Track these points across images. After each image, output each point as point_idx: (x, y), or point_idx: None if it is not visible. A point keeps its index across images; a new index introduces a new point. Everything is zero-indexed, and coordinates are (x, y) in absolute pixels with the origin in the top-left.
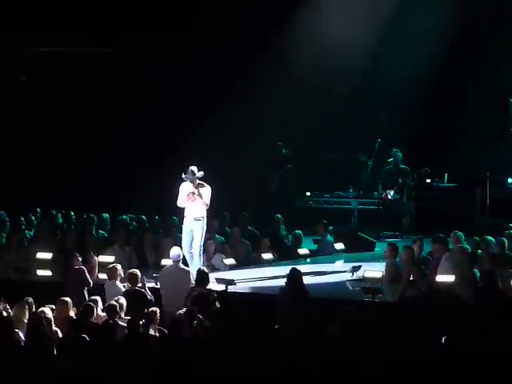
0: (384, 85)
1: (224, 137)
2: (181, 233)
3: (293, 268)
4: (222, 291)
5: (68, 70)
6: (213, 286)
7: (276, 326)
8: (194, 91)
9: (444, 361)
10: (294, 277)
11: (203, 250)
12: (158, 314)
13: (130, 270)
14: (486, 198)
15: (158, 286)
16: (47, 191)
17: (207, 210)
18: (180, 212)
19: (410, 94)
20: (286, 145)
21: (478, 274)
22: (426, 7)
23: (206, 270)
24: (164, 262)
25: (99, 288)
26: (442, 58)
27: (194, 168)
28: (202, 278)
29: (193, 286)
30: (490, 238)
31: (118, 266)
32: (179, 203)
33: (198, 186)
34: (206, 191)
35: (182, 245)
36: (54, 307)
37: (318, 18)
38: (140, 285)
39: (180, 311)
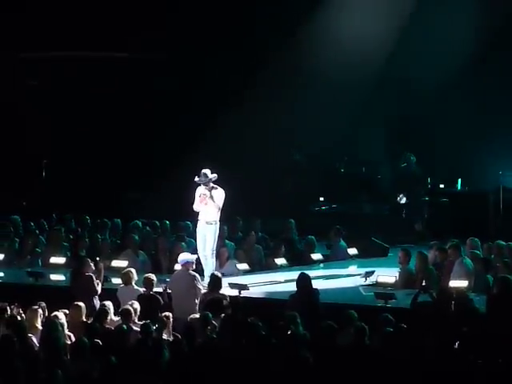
0: (399, 87)
1: (237, 141)
2: (193, 237)
3: (301, 273)
4: (235, 296)
5: (80, 74)
6: (226, 290)
7: (289, 332)
8: (207, 95)
9: (457, 366)
10: (303, 281)
11: (216, 255)
12: (171, 319)
13: (146, 275)
14: (500, 204)
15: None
16: (60, 196)
17: (220, 215)
18: (195, 216)
19: (427, 96)
20: (300, 150)
21: (491, 280)
22: (448, 6)
23: (219, 274)
24: (177, 266)
25: (111, 293)
26: (460, 60)
27: (206, 171)
28: (216, 282)
29: (201, 290)
30: (502, 242)
31: (133, 271)
32: (195, 207)
33: (211, 189)
34: (218, 194)
35: (198, 249)
36: (67, 312)
37: (335, 18)
38: (157, 289)
39: (193, 316)
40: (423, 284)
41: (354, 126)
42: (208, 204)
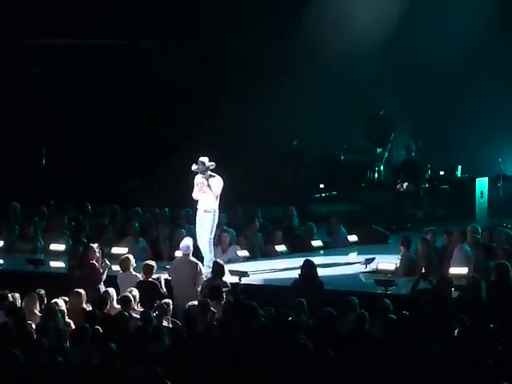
0: (398, 75)
1: (237, 129)
2: (194, 225)
3: (306, 259)
4: (236, 283)
5: (80, 61)
6: (226, 277)
7: (290, 318)
8: (206, 83)
9: (456, 354)
10: (308, 268)
11: (217, 242)
12: (171, 306)
13: (146, 261)
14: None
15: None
16: (59, 183)
17: (219, 203)
18: (195, 204)
19: (427, 83)
20: (299, 138)
21: (492, 267)
22: None
23: (221, 262)
24: (178, 253)
25: (111, 280)
26: (459, 48)
27: (204, 159)
28: (218, 270)
29: (203, 277)
30: (503, 229)
31: (130, 257)
32: (194, 195)
33: (208, 178)
34: (216, 182)
35: (197, 237)
36: (66, 299)
37: (332, 5)
38: (154, 276)
39: (191, 303)
40: (423, 271)
41: (352, 113)
42: (206, 192)
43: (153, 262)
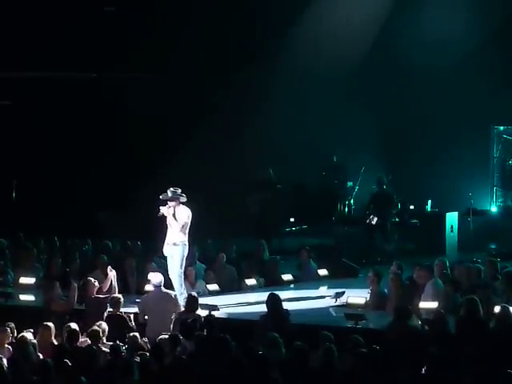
0: (369, 109)
1: (208, 161)
2: (164, 258)
3: (271, 293)
4: (207, 316)
5: (50, 94)
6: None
7: (260, 352)
8: (176, 115)
9: None
10: (272, 302)
11: (184, 276)
12: (139, 339)
13: (113, 295)
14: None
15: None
16: (30, 216)
17: (189, 236)
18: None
19: (397, 117)
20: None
21: (459, 301)
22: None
23: (195, 295)
24: (148, 287)
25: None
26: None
27: (173, 189)
28: (192, 303)
29: (179, 309)
30: (471, 264)
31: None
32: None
33: (174, 208)
34: (181, 213)
35: (168, 270)
36: (32, 331)
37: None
38: (122, 310)
39: (162, 336)
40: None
41: (325, 145)
42: (172, 225)
43: (120, 296)
